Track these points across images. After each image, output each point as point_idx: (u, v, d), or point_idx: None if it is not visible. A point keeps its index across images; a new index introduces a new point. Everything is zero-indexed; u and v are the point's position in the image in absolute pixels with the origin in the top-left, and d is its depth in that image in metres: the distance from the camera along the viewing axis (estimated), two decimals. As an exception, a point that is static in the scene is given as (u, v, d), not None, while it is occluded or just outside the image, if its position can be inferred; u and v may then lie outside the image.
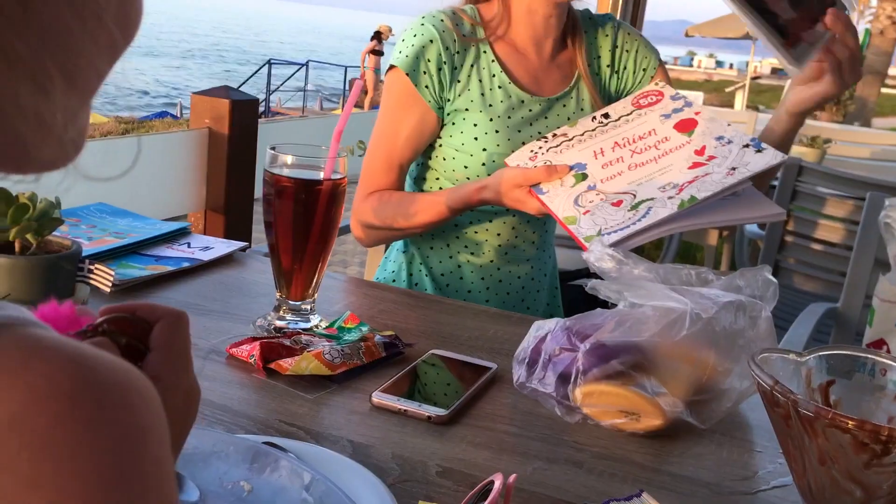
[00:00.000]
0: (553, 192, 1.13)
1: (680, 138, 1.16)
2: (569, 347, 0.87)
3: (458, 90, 1.30)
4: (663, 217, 1.03)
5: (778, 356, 0.59)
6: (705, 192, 1.05)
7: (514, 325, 1.10)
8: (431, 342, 1.01)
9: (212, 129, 1.88)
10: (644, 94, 1.28)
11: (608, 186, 1.12)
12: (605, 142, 1.20)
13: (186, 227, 1.34)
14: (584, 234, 1.05)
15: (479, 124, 1.30)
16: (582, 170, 1.15)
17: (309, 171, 1.00)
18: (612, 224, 1.05)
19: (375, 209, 1.31)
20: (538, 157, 1.20)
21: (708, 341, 0.86)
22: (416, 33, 1.30)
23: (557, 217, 1.10)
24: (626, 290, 0.90)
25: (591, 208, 1.08)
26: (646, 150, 1.16)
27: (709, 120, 1.18)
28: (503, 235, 1.37)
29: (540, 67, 1.36)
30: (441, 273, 1.40)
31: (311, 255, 0.99)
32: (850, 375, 0.60)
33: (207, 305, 1.08)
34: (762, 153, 1.10)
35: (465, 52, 1.31)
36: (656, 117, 1.22)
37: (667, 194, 1.07)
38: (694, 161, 1.11)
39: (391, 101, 1.32)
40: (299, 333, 0.97)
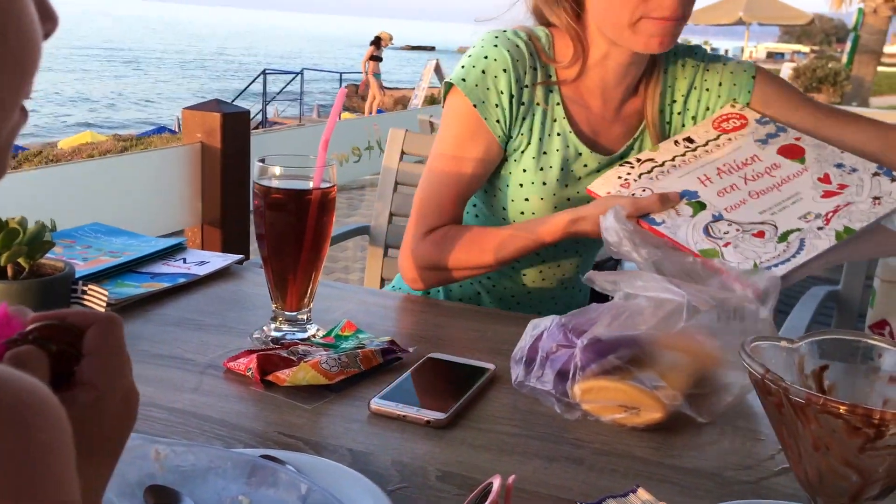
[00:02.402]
0: (671, 222, 1.04)
1: (793, 165, 1.10)
2: (566, 344, 0.87)
3: (520, 128, 1.21)
4: (823, 250, 0.98)
5: (769, 344, 0.59)
6: (859, 222, 1.00)
7: (512, 324, 1.09)
8: (429, 346, 1.01)
9: (204, 144, 1.88)
10: (724, 117, 1.20)
11: (737, 216, 1.04)
12: (706, 168, 1.12)
13: (182, 243, 1.34)
14: (738, 269, 0.95)
15: (528, 170, 1.21)
16: (695, 198, 1.07)
17: (298, 182, 1.00)
18: (767, 257, 0.98)
19: (441, 248, 1.19)
20: (631, 185, 1.11)
21: (707, 333, 0.86)
22: (487, 55, 1.19)
23: (692, 250, 1.00)
24: (621, 281, 0.90)
25: (731, 240, 1.01)
26: (759, 177, 1.09)
27: (816, 146, 1.12)
28: (530, 276, 1.31)
29: (603, 119, 1.24)
30: (459, 297, 1.36)
31: (304, 264, 0.99)
32: (843, 360, 0.60)
33: (204, 320, 1.08)
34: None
35: (533, 88, 1.20)
36: (751, 143, 1.15)
37: (814, 224, 1.01)
38: (824, 190, 1.05)
39: (456, 129, 1.21)
40: (296, 344, 0.97)
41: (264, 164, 0.98)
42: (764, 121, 1.18)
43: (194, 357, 0.96)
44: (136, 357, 0.93)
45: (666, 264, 0.91)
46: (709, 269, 0.93)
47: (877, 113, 5.43)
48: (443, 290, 1.37)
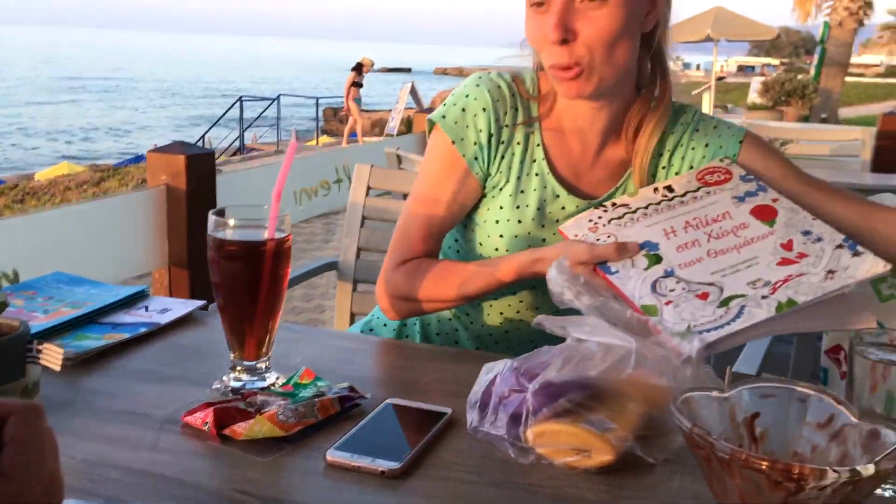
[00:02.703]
0: (624, 272, 1.04)
1: (761, 227, 1.09)
2: (517, 389, 0.88)
3: (499, 166, 1.23)
4: (760, 320, 0.95)
5: (701, 395, 0.60)
6: (804, 295, 0.96)
7: (472, 363, 1.10)
8: (389, 390, 1.02)
9: (169, 186, 1.88)
10: (710, 169, 1.19)
11: (688, 274, 1.02)
12: (674, 220, 1.12)
13: (144, 290, 1.34)
14: (671, 330, 0.95)
15: (504, 208, 1.23)
16: (654, 250, 1.07)
17: (253, 231, 1.01)
18: (703, 321, 0.95)
19: (411, 279, 1.22)
20: (599, 229, 1.12)
21: (657, 374, 0.87)
22: (468, 94, 1.22)
23: (634, 304, 0.99)
24: (569, 327, 0.92)
25: (674, 298, 0.99)
26: (723, 235, 1.08)
27: (790, 210, 1.11)
28: (506, 315, 1.31)
29: (583, 163, 1.25)
30: (436, 332, 1.37)
31: (261, 314, 1.00)
32: (774, 407, 0.61)
33: (164, 371, 1.08)
34: (860, 257, 1.01)
35: (514, 127, 1.23)
36: (728, 199, 1.14)
37: (759, 292, 0.98)
38: (783, 257, 1.03)
39: (435, 165, 1.24)
40: (255, 394, 0.98)
41: (218, 217, 0.99)
42: (747, 178, 1.17)
43: (152, 412, 0.96)
44: (93, 414, 0.94)
45: (606, 315, 0.92)
46: (645, 326, 0.95)
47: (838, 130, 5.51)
48: (420, 326, 1.38)
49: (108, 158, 16.10)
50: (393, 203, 1.90)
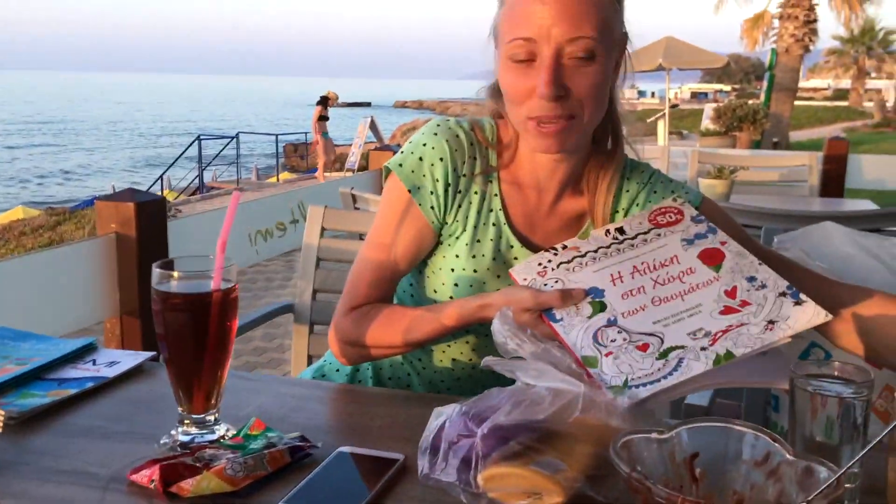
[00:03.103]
0: (568, 320, 1.04)
1: (707, 273, 1.07)
2: (467, 433, 0.88)
3: (456, 215, 1.23)
4: (696, 374, 0.94)
5: (640, 437, 0.61)
6: (742, 347, 0.95)
7: (424, 407, 1.10)
8: (341, 437, 1.01)
9: (119, 234, 1.86)
10: (662, 210, 1.19)
11: (631, 324, 1.02)
12: (623, 265, 1.11)
13: (92, 343, 1.32)
14: (609, 384, 0.95)
15: (460, 256, 1.23)
16: (599, 297, 1.06)
17: (198, 282, 1.00)
18: (640, 374, 0.95)
19: (359, 325, 1.22)
20: (548, 273, 1.11)
21: (606, 413, 0.88)
22: (426, 143, 1.22)
23: (575, 355, 0.99)
24: (518, 371, 0.92)
25: (614, 350, 0.99)
26: (669, 281, 1.07)
27: (737, 254, 1.10)
28: (459, 360, 1.30)
29: (538, 212, 1.25)
30: (389, 377, 1.36)
31: (209, 366, 0.99)
32: (712, 447, 0.62)
33: (111, 427, 1.06)
34: (802, 307, 1.00)
35: (472, 177, 1.23)
36: (677, 241, 1.13)
37: (699, 343, 0.97)
38: (725, 305, 1.02)
39: (391, 212, 1.23)
40: (204, 448, 0.96)
41: (162, 270, 0.98)
42: (698, 219, 1.17)
43: (98, 470, 0.94)
44: (37, 475, 0.92)
45: (549, 360, 0.93)
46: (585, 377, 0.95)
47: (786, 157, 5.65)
48: (372, 370, 1.38)
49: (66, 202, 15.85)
50: (348, 244, 1.90)
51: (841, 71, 43.27)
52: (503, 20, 1.13)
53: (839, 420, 0.81)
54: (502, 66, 1.13)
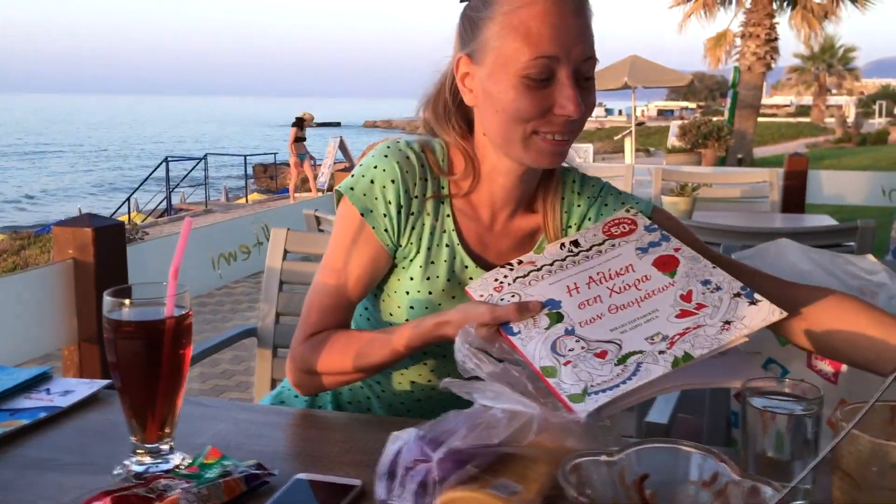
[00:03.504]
0: (525, 333, 1.03)
1: (662, 279, 1.08)
2: (423, 458, 0.87)
3: (410, 237, 1.23)
4: (655, 377, 0.94)
5: (590, 459, 0.61)
6: (700, 349, 0.96)
7: (383, 431, 1.09)
8: (298, 464, 1.00)
9: (77, 260, 1.83)
10: (616, 221, 1.20)
11: (588, 332, 1.02)
12: (578, 276, 1.11)
13: (47, 372, 1.30)
14: (568, 392, 0.94)
15: (415, 279, 1.23)
16: (556, 308, 1.06)
17: (152, 309, 0.99)
18: (599, 381, 0.95)
19: (315, 353, 1.20)
20: (504, 288, 1.12)
21: (562, 432, 0.88)
22: (377, 165, 1.21)
23: (534, 366, 0.99)
24: (475, 393, 0.92)
25: (573, 358, 0.99)
26: (625, 289, 1.08)
27: (691, 259, 1.11)
28: (418, 382, 1.29)
29: (491, 232, 1.26)
30: (348, 401, 1.35)
31: (162, 394, 0.98)
32: (661, 468, 0.63)
33: (64, 458, 1.04)
34: (757, 306, 1.01)
35: (423, 199, 1.23)
36: (632, 250, 1.14)
37: (657, 347, 0.98)
38: (681, 308, 1.03)
39: (343, 236, 1.22)
40: (159, 478, 0.95)
41: (113, 298, 0.97)
42: (651, 228, 1.18)
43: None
44: (-18, 512, 0.89)
45: (507, 380, 0.93)
46: (545, 391, 0.95)
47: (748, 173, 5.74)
48: (332, 395, 1.37)
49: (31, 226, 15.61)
50: (312, 266, 1.89)
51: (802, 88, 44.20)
52: (507, 38, 1.11)
53: (790, 436, 0.82)
54: (508, 86, 1.11)
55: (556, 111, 1.11)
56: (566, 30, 1.10)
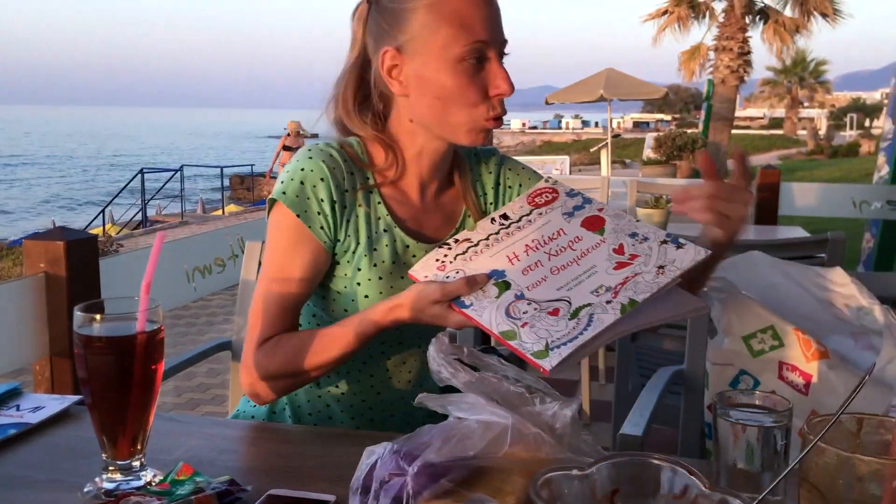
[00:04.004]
0: (478, 304, 1.07)
1: (593, 237, 1.14)
2: (398, 472, 0.87)
3: (347, 230, 1.25)
4: (609, 324, 1.00)
5: (561, 474, 0.61)
6: (643, 293, 1.03)
7: (360, 445, 1.09)
8: (272, 480, 1.00)
9: (48, 274, 1.81)
10: (538, 191, 1.25)
11: (537, 294, 1.07)
12: (515, 245, 1.16)
13: (17, 388, 1.28)
14: (531, 350, 0.99)
15: (362, 268, 1.25)
16: (501, 277, 1.10)
17: (123, 324, 0.98)
18: (558, 336, 1.00)
19: (273, 357, 1.21)
20: (447, 267, 1.15)
21: (536, 444, 0.88)
22: (304, 167, 1.24)
23: (493, 332, 1.03)
24: (449, 405, 0.92)
25: (528, 319, 1.03)
26: (561, 251, 1.13)
27: (615, 216, 1.17)
28: (376, 376, 1.32)
29: (423, 210, 1.32)
30: (308, 412, 1.35)
31: (134, 410, 0.97)
32: (632, 482, 0.63)
33: (33, 476, 1.02)
34: (684, 249, 1.09)
35: (354, 191, 1.26)
36: (559, 216, 1.19)
37: (603, 298, 1.04)
38: (617, 261, 1.09)
39: (281, 240, 1.24)
40: (129, 495, 0.94)
41: (84, 313, 0.96)
42: (573, 193, 1.23)
43: (16, 522, 0.90)
44: (-52, 532, 0.88)
45: (483, 389, 0.93)
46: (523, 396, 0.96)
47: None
48: (290, 408, 1.37)
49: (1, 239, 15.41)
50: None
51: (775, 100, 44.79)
52: (441, 27, 1.17)
53: (760, 448, 0.83)
54: (446, 72, 1.18)
55: (491, 92, 1.19)
56: (491, 15, 1.19)
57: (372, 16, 1.24)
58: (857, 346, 1.34)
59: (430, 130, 1.25)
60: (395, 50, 1.21)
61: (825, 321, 1.39)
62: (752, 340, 1.30)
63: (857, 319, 1.38)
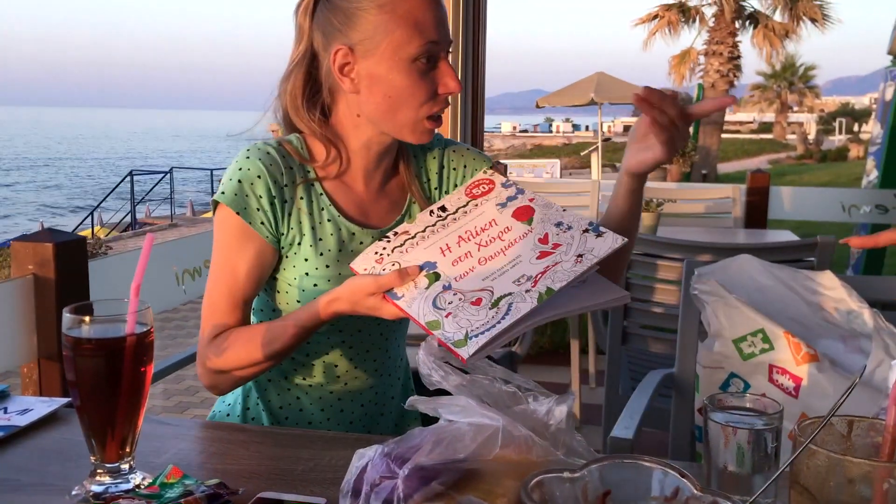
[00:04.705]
0: (408, 295, 1.10)
1: (521, 227, 1.16)
2: (388, 475, 0.87)
3: (289, 223, 1.28)
4: (526, 312, 1.03)
5: (552, 476, 0.61)
6: (559, 282, 1.05)
7: (350, 448, 1.09)
8: (262, 482, 0.99)
9: (37, 276, 1.80)
10: (475, 183, 1.27)
11: (463, 284, 1.09)
12: (449, 237, 1.18)
13: (4, 390, 1.27)
14: (452, 340, 1.01)
15: (309, 259, 1.28)
16: (433, 269, 1.13)
17: (112, 326, 0.97)
18: (477, 325, 1.02)
19: (222, 351, 1.24)
20: (385, 260, 1.17)
21: (526, 445, 0.88)
22: (241, 167, 1.27)
23: (420, 323, 1.06)
24: (440, 408, 0.92)
25: (452, 310, 1.05)
26: (491, 242, 1.15)
27: (544, 206, 1.19)
28: (341, 366, 1.35)
29: (368, 198, 1.34)
30: (279, 406, 1.37)
31: (123, 413, 0.96)
32: (623, 484, 0.63)
33: (21, 479, 1.02)
34: (603, 237, 1.12)
35: (293, 186, 1.28)
36: (493, 207, 1.21)
37: (523, 287, 1.06)
38: (541, 251, 1.11)
39: (225, 239, 1.27)
40: (118, 498, 0.93)
41: (73, 315, 0.95)
42: (507, 184, 1.25)
43: (3, 526, 0.90)
44: (-66, 535, 0.87)
45: (474, 390, 0.93)
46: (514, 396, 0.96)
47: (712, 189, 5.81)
48: (262, 402, 1.38)
49: (-8, 239, 15.31)
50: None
51: (765, 105, 44.95)
52: (400, 29, 1.20)
53: (750, 450, 0.83)
54: (399, 71, 1.22)
55: (440, 90, 1.24)
56: (441, 17, 1.24)
57: (321, 11, 1.26)
58: (846, 350, 1.35)
59: (376, 126, 1.28)
60: (347, 48, 1.24)
61: (815, 324, 1.40)
62: (742, 343, 1.31)
63: (846, 323, 1.39)
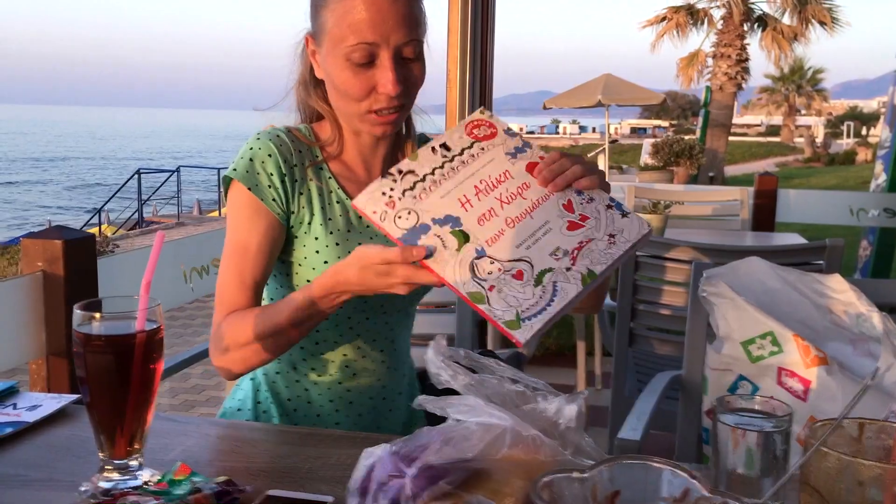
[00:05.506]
0: (439, 256, 1.03)
1: (539, 187, 1.10)
2: (396, 474, 0.87)
3: (300, 202, 1.31)
4: (574, 296, 1.00)
5: (562, 477, 0.61)
6: (599, 264, 1.03)
7: (358, 446, 1.09)
8: (270, 480, 0.99)
9: (46, 273, 1.81)
10: (474, 123, 1.18)
11: (498, 252, 1.04)
12: (464, 185, 1.11)
13: (13, 387, 1.28)
14: (503, 320, 0.97)
15: (319, 238, 1.31)
16: (458, 226, 1.06)
17: (123, 323, 0.97)
18: (528, 304, 0.99)
19: (234, 328, 1.24)
20: (396, 204, 1.09)
21: (534, 445, 0.88)
22: (252, 147, 1.31)
23: (461, 293, 1.01)
24: (448, 408, 0.92)
25: (494, 283, 1.01)
26: (512, 199, 1.09)
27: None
28: (349, 356, 1.37)
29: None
30: (288, 398, 1.39)
31: (132, 409, 0.96)
32: (632, 485, 0.63)
33: (30, 475, 1.02)
34: (629, 219, 1.07)
35: (303, 167, 1.33)
36: (502, 156, 1.14)
37: (562, 264, 1.03)
38: (569, 220, 1.07)
39: (238, 216, 1.29)
40: (126, 494, 0.93)
41: (84, 311, 0.96)
42: (511, 132, 1.18)
43: (12, 521, 0.90)
44: (-57, 532, 0.87)
45: (483, 390, 0.93)
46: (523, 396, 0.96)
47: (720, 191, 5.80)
48: (270, 394, 1.39)
49: (0, 237, 15.38)
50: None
51: (773, 108, 44.82)
52: (335, 24, 1.23)
53: (759, 453, 0.83)
54: (338, 66, 1.25)
55: (378, 90, 1.24)
56: (384, 18, 1.21)
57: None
58: (855, 353, 1.35)
59: (342, 120, 1.34)
60: (311, 36, 1.31)
61: (824, 327, 1.39)
62: (751, 346, 1.30)
63: (855, 326, 1.38)
